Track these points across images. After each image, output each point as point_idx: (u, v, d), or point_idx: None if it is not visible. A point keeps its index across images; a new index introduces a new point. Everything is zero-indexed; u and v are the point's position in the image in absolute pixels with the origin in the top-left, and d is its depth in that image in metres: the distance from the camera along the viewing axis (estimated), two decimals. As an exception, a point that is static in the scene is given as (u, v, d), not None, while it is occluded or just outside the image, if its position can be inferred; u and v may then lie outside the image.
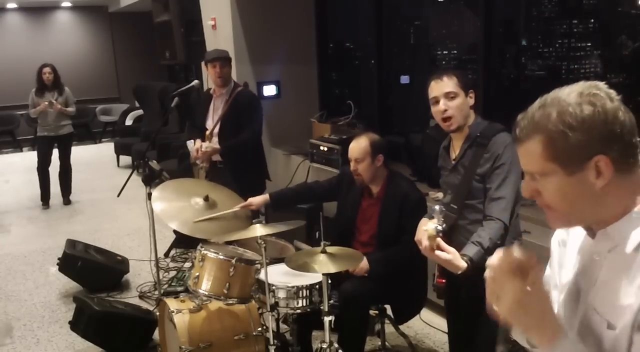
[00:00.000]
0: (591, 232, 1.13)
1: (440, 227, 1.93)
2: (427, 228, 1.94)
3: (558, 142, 1.03)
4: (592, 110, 1.02)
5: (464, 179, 2.35)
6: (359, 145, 2.98)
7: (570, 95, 1.05)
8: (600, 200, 1.06)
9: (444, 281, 2.31)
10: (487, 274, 1.11)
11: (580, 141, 1.02)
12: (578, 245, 1.21)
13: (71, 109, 6.76)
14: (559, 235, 1.28)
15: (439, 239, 1.98)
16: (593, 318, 1.10)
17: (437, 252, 1.97)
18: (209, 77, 4.16)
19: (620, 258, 1.07)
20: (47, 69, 6.63)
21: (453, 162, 2.40)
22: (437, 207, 1.97)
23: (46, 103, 6.54)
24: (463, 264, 2.01)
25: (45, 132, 6.77)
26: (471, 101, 2.34)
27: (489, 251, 2.09)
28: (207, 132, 4.04)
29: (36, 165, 6.88)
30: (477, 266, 2.03)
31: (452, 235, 2.35)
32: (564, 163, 1.04)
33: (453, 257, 1.99)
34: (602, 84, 1.06)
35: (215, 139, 4.04)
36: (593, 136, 1.02)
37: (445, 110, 2.30)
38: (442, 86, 2.31)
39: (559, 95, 1.06)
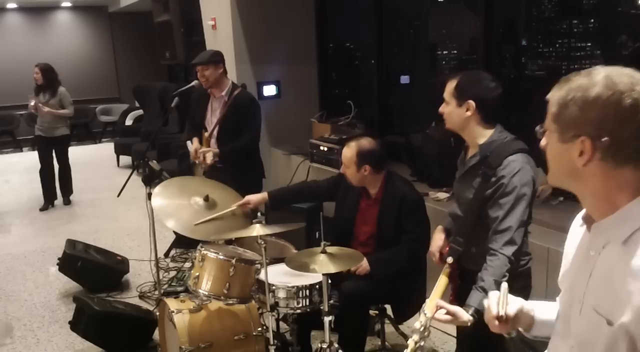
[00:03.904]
0: (589, 225, 1.16)
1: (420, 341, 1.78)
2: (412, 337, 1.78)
3: (563, 109, 1.10)
4: (601, 95, 1.05)
5: (472, 203, 2.22)
6: (347, 152, 2.97)
7: (599, 74, 1.08)
8: (584, 179, 1.11)
9: (454, 299, 2.25)
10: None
11: (576, 117, 1.08)
12: (578, 240, 1.22)
13: (66, 111, 6.55)
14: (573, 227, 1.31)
15: (439, 301, 1.89)
16: (592, 317, 1.10)
17: (438, 315, 1.87)
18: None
19: (614, 252, 1.09)
20: (35, 69, 6.50)
21: (464, 168, 2.31)
22: (416, 324, 1.80)
23: (31, 104, 6.42)
24: (468, 318, 1.93)
25: (40, 132, 6.68)
26: (466, 113, 2.18)
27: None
28: (207, 135, 4.05)
29: (39, 168, 6.82)
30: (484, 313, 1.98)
31: (463, 262, 2.28)
32: (561, 128, 1.11)
33: (455, 318, 1.89)
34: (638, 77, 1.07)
35: (213, 141, 4.04)
36: (588, 117, 1.06)
37: (443, 113, 2.28)
38: (445, 89, 2.25)
39: (596, 69, 1.11)
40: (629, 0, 3.91)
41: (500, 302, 1.23)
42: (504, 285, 1.26)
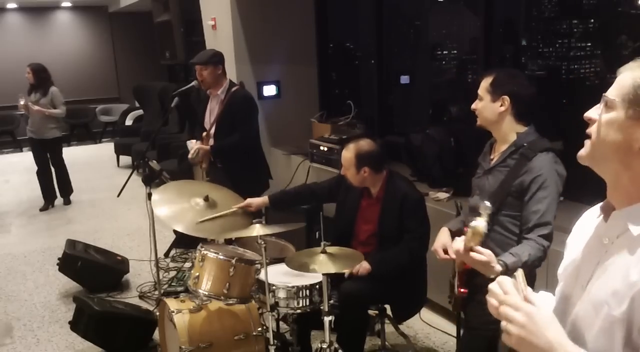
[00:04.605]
0: (607, 215, 1.14)
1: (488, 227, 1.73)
2: (477, 225, 1.71)
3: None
4: None
5: (500, 188, 2.25)
6: (346, 154, 2.98)
7: None
8: (630, 161, 1.07)
9: (466, 291, 2.26)
10: (489, 301, 1.13)
11: None
12: (591, 231, 1.21)
13: (57, 111, 6.47)
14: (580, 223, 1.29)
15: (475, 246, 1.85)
16: (591, 303, 1.10)
17: (472, 254, 1.84)
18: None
19: (627, 243, 1.08)
20: (27, 69, 6.48)
21: (490, 164, 2.33)
22: (487, 203, 1.76)
23: (21, 103, 6.37)
24: (498, 267, 1.90)
25: (32, 134, 6.62)
26: (500, 108, 2.25)
27: (525, 267, 1.97)
28: (204, 134, 4.05)
29: (36, 169, 6.82)
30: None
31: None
32: (631, 104, 1.06)
33: (489, 259, 1.86)
34: None
35: (212, 141, 4.04)
36: None
37: (475, 109, 2.33)
38: (480, 85, 2.31)
39: None
40: (629, 0, 3.91)
41: (519, 288, 1.22)
42: (520, 271, 1.24)
